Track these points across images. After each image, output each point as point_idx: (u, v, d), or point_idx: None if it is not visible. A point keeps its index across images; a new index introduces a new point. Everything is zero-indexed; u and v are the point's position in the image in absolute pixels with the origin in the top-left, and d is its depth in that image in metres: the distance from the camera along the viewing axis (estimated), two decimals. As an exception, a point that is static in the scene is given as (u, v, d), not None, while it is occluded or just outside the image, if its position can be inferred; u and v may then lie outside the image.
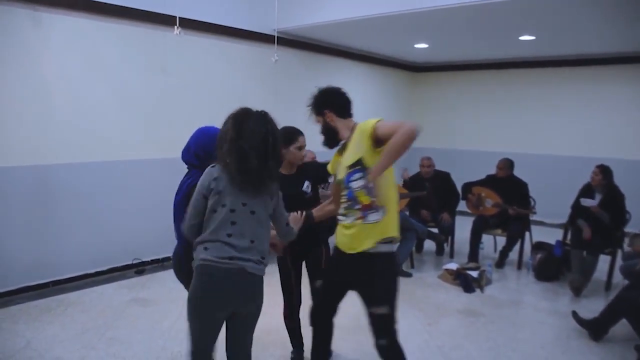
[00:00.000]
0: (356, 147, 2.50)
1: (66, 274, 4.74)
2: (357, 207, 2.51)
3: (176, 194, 2.57)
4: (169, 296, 4.54)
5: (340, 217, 2.64)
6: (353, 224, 2.53)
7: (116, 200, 5.04)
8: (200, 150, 2.58)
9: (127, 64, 4.99)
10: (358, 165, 2.48)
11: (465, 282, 4.99)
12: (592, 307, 4.48)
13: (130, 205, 5.15)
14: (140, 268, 5.25)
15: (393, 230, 2.55)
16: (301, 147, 3.07)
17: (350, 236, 2.55)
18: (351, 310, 3.09)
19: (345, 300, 2.78)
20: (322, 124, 2.67)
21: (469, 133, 8.93)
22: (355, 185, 2.49)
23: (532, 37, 6.34)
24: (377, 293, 2.55)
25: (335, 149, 2.72)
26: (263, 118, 2.25)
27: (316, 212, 2.88)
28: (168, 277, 4.99)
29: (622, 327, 3.88)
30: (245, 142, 2.14)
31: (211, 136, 2.48)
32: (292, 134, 3.05)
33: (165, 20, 4.96)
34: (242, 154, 2.13)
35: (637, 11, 4.86)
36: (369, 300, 2.57)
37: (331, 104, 2.64)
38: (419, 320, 4.24)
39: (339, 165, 2.63)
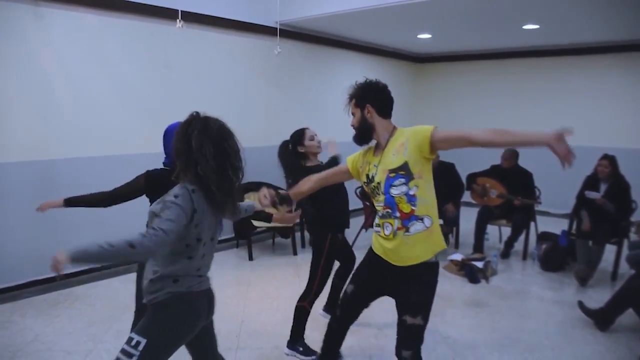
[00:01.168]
0: (402, 151, 2.37)
1: (73, 268, 4.76)
2: (396, 215, 2.37)
3: None
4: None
5: (375, 228, 2.52)
6: (393, 236, 2.39)
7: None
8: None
9: (129, 58, 4.98)
10: (402, 170, 2.34)
11: (471, 273, 4.98)
12: (598, 297, 4.47)
13: (135, 199, 5.15)
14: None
15: (442, 242, 2.44)
16: (312, 137, 3.31)
17: (393, 250, 2.41)
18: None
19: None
20: (359, 117, 2.50)
21: (473, 123, 8.88)
22: (396, 191, 2.36)
23: (536, 26, 6.29)
24: (416, 302, 2.42)
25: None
26: (231, 133, 2.09)
27: (292, 192, 2.81)
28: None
29: (628, 317, 3.88)
30: (228, 159, 2.03)
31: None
32: (299, 133, 3.32)
33: (167, 14, 4.93)
34: (224, 171, 2.02)
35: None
36: (406, 308, 2.43)
37: (375, 99, 2.48)
38: (424, 311, 4.24)
39: (372, 166, 2.49)
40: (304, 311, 3.33)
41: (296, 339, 3.38)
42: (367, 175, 2.50)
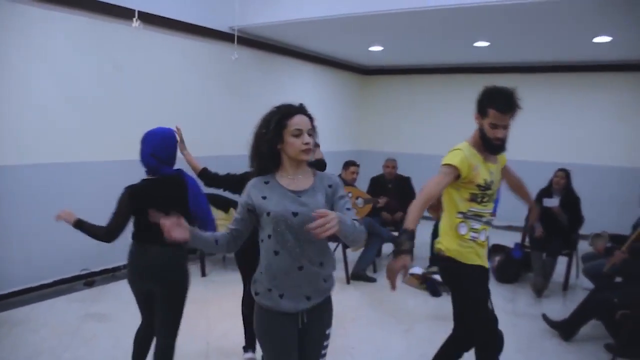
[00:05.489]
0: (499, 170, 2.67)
1: (7, 289, 4.28)
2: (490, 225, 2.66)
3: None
4: (126, 310, 4.17)
5: (473, 234, 2.59)
6: (485, 241, 2.64)
7: (63, 204, 4.48)
8: (160, 151, 2.58)
9: (77, 57, 4.63)
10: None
11: (433, 287, 5.01)
12: (553, 306, 4.65)
13: (79, 211, 4.63)
14: (89, 279, 4.86)
15: None
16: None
17: (485, 254, 2.68)
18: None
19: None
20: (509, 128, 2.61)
21: (419, 137, 8.97)
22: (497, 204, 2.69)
23: (487, 44, 6.49)
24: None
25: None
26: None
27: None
28: (122, 289, 4.61)
29: (588, 326, 4.00)
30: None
31: (165, 137, 2.59)
32: None
33: (122, 13, 4.63)
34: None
35: (593, 21, 5.08)
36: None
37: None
38: (395, 326, 4.18)
39: (489, 172, 2.57)
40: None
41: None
42: (485, 180, 2.52)
